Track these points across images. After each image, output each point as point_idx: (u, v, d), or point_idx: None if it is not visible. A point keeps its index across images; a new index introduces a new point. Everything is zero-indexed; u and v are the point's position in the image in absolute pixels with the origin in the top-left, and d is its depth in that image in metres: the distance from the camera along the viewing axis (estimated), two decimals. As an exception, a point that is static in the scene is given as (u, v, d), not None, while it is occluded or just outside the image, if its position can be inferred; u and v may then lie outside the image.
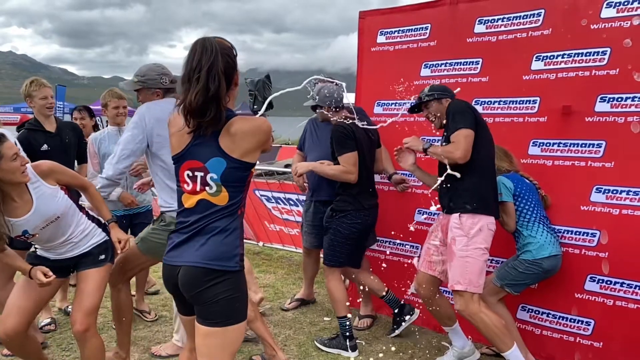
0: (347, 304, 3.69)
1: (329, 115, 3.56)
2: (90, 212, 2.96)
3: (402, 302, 3.85)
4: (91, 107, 5.12)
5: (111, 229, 2.90)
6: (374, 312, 4.28)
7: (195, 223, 1.96)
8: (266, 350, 3.34)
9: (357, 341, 3.69)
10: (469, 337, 3.47)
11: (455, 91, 3.33)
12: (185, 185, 2.00)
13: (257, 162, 2.11)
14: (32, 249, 2.92)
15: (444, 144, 3.15)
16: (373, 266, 4.29)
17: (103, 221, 2.95)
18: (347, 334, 3.63)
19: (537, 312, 3.53)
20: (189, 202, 1.99)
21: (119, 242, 2.82)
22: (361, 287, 3.88)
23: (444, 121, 3.16)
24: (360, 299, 4.19)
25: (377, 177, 3.96)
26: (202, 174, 1.95)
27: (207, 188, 1.95)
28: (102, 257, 2.86)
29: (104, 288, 2.87)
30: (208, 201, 1.96)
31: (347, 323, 3.64)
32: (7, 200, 2.51)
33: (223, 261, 1.94)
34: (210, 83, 1.85)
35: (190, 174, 1.98)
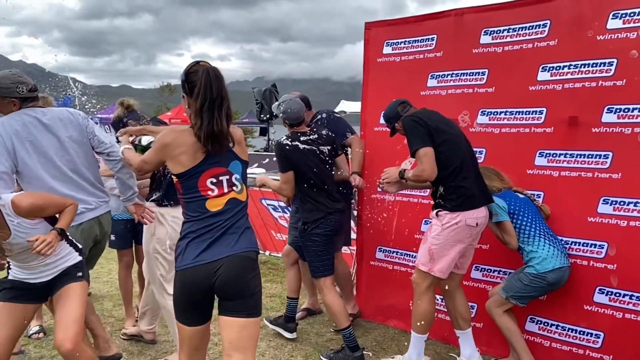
0: (348, 312, 3.77)
1: (288, 128, 3.81)
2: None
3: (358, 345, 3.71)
4: (100, 115, 5.18)
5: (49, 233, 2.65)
6: (315, 308, 4.59)
7: (225, 222, 2.21)
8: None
9: (364, 352, 3.68)
10: (479, 349, 3.46)
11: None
12: (209, 192, 2.22)
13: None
14: (7, 272, 2.81)
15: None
16: (380, 276, 4.29)
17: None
18: (352, 345, 3.62)
19: (545, 324, 3.51)
20: (217, 205, 2.23)
21: (37, 241, 2.50)
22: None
23: None
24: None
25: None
26: (227, 177, 2.26)
27: (234, 188, 2.27)
28: (79, 274, 2.80)
29: (85, 302, 2.79)
30: (236, 199, 2.27)
31: (351, 333, 3.64)
32: None
33: (257, 251, 2.31)
34: (230, 110, 2.21)
35: (215, 180, 2.23)
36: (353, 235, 4.77)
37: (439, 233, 3.20)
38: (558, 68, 3.38)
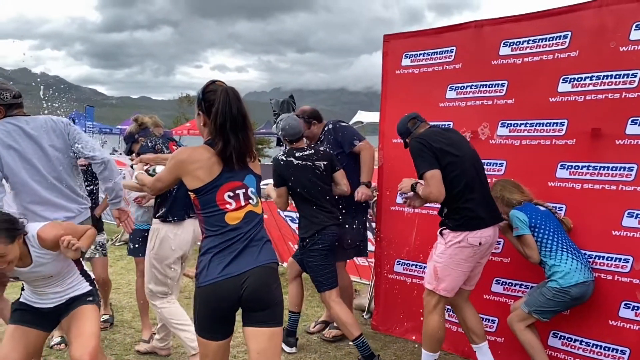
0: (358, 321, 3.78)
1: (287, 144, 3.91)
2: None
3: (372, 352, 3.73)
4: (120, 127, 5.27)
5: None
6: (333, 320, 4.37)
7: (246, 234, 2.26)
8: None
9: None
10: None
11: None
12: (227, 206, 2.26)
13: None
14: (19, 294, 2.87)
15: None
16: (399, 289, 4.25)
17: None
18: (367, 354, 3.62)
19: (569, 339, 3.44)
20: (235, 218, 2.26)
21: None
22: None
23: None
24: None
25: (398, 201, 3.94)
26: (243, 190, 2.30)
27: (250, 201, 2.32)
28: (90, 298, 2.84)
29: (99, 323, 2.82)
30: (253, 212, 2.32)
31: (363, 342, 3.65)
32: None
33: (278, 263, 2.38)
34: (251, 129, 2.30)
35: (232, 194, 2.28)
36: (370, 247, 4.74)
37: (443, 251, 3.23)
38: (579, 79, 3.34)
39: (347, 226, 4.03)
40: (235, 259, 2.22)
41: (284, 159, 3.75)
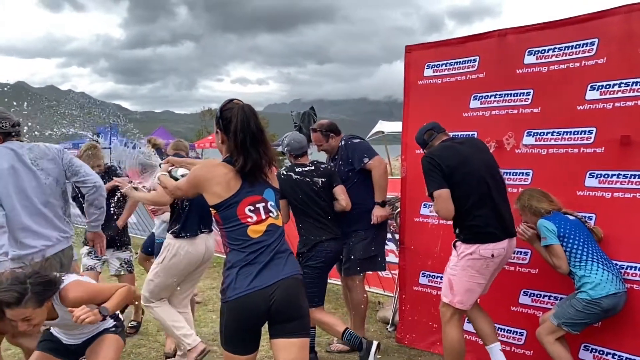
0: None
1: (292, 159, 3.97)
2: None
3: (361, 339, 3.73)
4: (143, 141, 5.34)
5: None
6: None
7: (269, 246, 2.29)
8: None
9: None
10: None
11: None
12: (249, 219, 2.30)
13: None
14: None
15: None
16: (424, 302, 4.19)
17: (118, 314, 2.96)
18: (357, 342, 3.64)
19: (601, 353, 3.35)
20: (257, 231, 2.29)
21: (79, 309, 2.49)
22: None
23: None
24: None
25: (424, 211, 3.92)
26: (263, 204, 2.34)
27: (270, 214, 2.35)
28: (113, 329, 2.88)
29: (117, 352, 2.84)
30: (274, 224, 2.35)
31: (351, 334, 3.68)
32: None
33: (302, 274, 2.40)
34: (269, 144, 2.36)
35: (252, 208, 2.31)
36: (393, 259, 4.71)
37: (456, 263, 3.27)
38: (608, 87, 3.29)
39: (354, 240, 4.05)
40: (261, 271, 2.24)
41: (285, 173, 3.83)
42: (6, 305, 2.36)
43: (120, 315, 3.01)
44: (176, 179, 2.96)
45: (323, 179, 3.86)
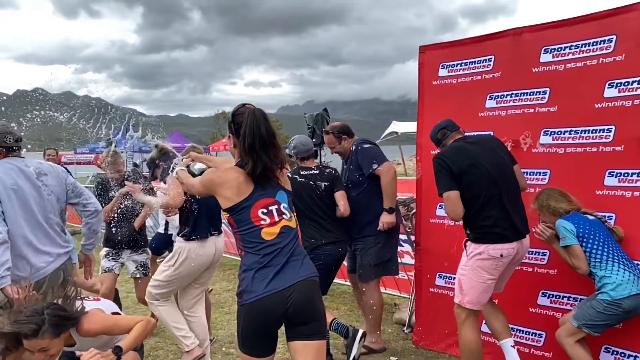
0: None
1: (298, 162, 4.03)
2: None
3: (348, 327, 3.87)
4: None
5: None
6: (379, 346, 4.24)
7: (284, 248, 2.30)
8: None
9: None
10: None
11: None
12: (262, 222, 2.31)
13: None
14: None
15: None
16: (441, 303, 4.16)
17: None
18: (344, 331, 3.77)
19: (622, 355, 3.29)
20: (271, 233, 2.30)
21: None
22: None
23: None
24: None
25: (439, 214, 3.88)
26: (276, 206, 2.35)
27: (284, 216, 2.36)
28: None
29: None
30: (288, 226, 2.36)
31: (338, 324, 3.82)
32: None
33: (318, 276, 2.39)
34: (280, 147, 2.36)
35: (265, 211, 2.32)
36: (409, 261, 4.68)
37: (465, 263, 3.28)
38: (627, 84, 3.24)
39: (366, 246, 4.06)
40: (278, 273, 2.25)
41: (290, 175, 3.82)
42: (24, 336, 2.39)
43: None
44: (194, 175, 2.99)
45: (326, 183, 3.90)
